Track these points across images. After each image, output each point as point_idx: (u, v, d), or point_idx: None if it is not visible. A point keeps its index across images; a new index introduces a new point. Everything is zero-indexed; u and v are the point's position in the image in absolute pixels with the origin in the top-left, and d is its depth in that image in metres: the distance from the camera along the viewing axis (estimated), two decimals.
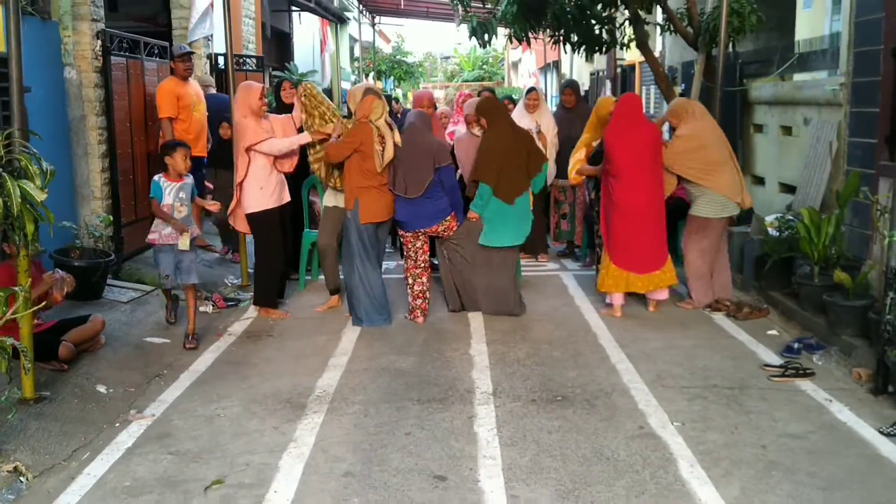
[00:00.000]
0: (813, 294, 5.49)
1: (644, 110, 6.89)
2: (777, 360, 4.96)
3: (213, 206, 5.75)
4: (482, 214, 5.96)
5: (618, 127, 5.94)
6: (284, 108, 6.82)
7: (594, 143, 6.45)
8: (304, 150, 6.26)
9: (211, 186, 7.93)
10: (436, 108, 7.56)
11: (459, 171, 6.66)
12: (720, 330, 5.68)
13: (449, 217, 5.87)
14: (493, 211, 5.94)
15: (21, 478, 3.54)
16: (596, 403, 4.35)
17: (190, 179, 5.57)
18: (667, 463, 3.64)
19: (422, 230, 5.87)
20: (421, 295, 6.00)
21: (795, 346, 5.11)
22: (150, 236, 5.50)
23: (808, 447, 3.78)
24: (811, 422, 4.07)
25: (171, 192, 5.45)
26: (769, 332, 5.57)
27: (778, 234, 6.17)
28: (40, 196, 3.59)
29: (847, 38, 6.44)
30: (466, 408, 4.32)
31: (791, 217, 6.25)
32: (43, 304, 4.14)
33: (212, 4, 9.47)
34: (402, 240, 6.05)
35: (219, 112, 7.90)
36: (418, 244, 5.94)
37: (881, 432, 3.89)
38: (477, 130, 6.42)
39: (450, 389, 4.59)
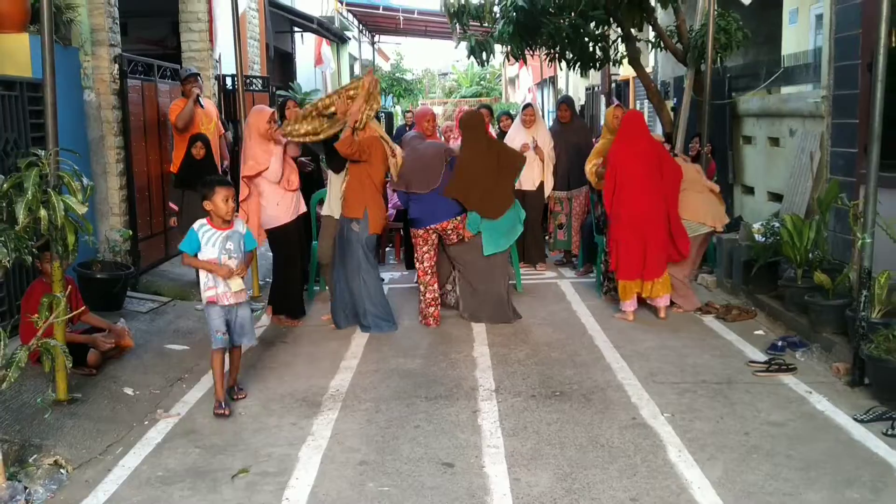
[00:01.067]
0: (796, 295, 5.80)
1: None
2: (763, 357, 5.26)
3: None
4: (480, 229, 6.23)
5: (621, 142, 6.28)
6: None
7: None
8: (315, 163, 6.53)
9: (176, 209, 7.22)
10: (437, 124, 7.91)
11: None
12: (710, 331, 5.99)
13: (459, 217, 6.18)
14: (487, 225, 6.23)
15: (61, 470, 3.85)
16: (592, 398, 4.65)
17: (241, 227, 4.63)
18: (657, 449, 3.94)
19: (433, 227, 6.17)
20: (433, 302, 6.30)
21: (780, 344, 5.42)
22: (208, 293, 4.50)
23: (787, 433, 4.08)
24: (791, 411, 4.38)
25: (216, 241, 4.46)
26: (756, 333, 5.88)
27: (764, 239, 6.48)
28: (81, 209, 3.95)
29: (828, 53, 6.77)
30: (471, 403, 4.62)
31: (776, 223, 6.57)
32: (82, 309, 4.44)
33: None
34: (413, 241, 6.34)
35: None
36: (427, 246, 6.24)
37: (855, 419, 4.20)
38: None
39: (455, 387, 4.90)
